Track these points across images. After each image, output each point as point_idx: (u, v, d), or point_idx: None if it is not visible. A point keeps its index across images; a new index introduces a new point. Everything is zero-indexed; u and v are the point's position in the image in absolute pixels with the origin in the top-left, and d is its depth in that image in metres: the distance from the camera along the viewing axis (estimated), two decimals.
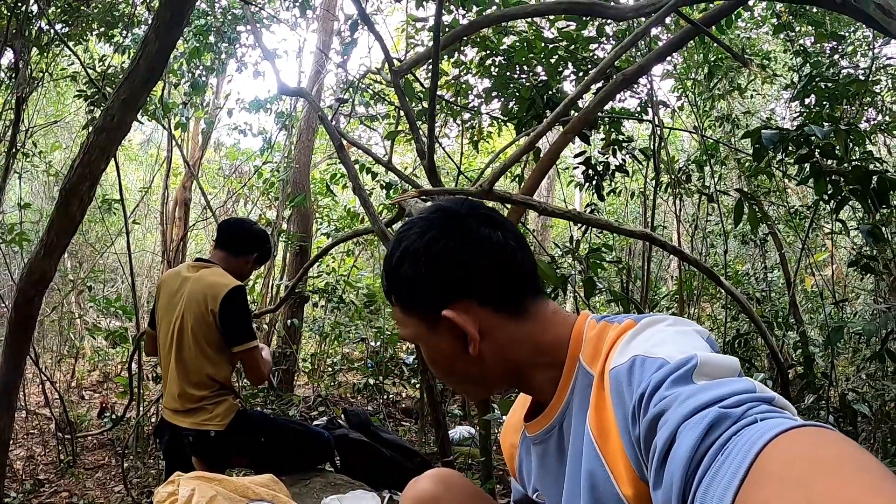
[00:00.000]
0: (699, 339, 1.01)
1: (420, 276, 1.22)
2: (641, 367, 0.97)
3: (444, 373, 1.32)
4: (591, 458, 1.08)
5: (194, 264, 3.45)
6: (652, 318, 1.11)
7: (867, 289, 7.48)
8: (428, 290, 1.22)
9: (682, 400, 0.83)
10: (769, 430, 0.68)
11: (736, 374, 0.89)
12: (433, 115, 3.41)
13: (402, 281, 1.25)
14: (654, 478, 0.82)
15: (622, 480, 1.01)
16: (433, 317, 1.21)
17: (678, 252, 4.14)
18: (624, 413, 0.98)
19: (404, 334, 1.31)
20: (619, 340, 1.09)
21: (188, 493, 2.39)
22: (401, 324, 1.30)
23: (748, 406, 0.77)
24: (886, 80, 6.02)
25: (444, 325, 1.21)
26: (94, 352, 9.42)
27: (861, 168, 3.36)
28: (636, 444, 0.93)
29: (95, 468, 5.81)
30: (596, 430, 1.07)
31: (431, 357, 1.29)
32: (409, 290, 1.25)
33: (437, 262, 1.21)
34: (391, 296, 1.29)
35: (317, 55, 8.63)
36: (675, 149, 9.47)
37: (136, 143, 14.84)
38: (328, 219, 8.91)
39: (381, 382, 7.16)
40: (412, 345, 8.21)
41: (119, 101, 3.58)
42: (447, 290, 1.21)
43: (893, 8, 2.07)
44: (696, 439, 0.74)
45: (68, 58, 7.32)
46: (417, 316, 1.25)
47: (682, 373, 0.88)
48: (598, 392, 1.09)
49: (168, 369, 3.35)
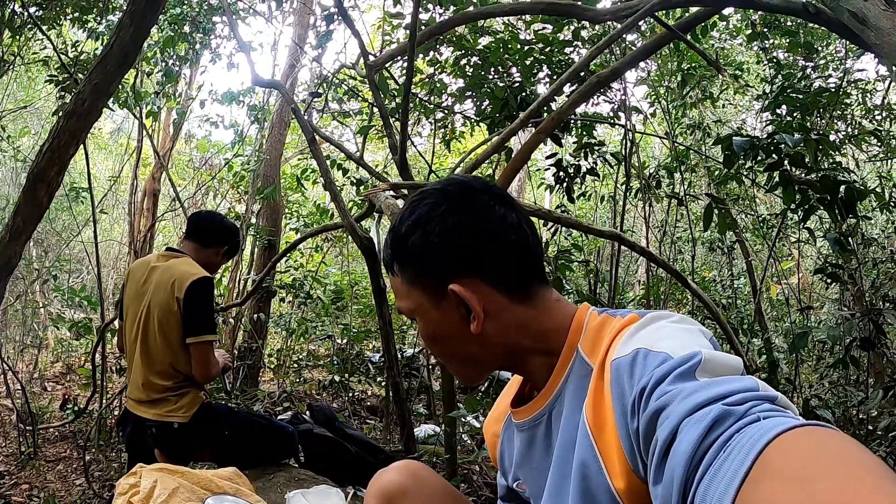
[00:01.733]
0: (703, 338, 1.00)
1: (432, 247, 1.20)
2: (644, 361, 0.96)
3: (441, 349, 1.29)
4: (585, 448, 1.07)
5: (164, 254, 3.41)
6: (657, 314, 1.10)
7: (832, 297, 7.59)
8: (438, 262, 1.20)
9: (684, 396, 0.82)
10: (772, 429, 0.68)
11: (739, 372, 0.88)
12: (407, 111, 3.42)
13: (410, 249, 1.22)
14: (655, 473, 0.82)
15: (615, 473, 1.01)
16: (440, 290, 1.20)
17: (647, 254, 4.17)
18: (623, 405, 0.97)
19: (403, 306, 1.27)
20: (623, 333, 1.09)
21: (150, 484, 2.36)
22: (401, 295, 1.27)
23: (751, 404, 0.77)
24: (857, 94, 6.11)
25: (450, 300, 1.19)
26: (58, 343, 9.30)
27: (829, 178, 3.40)
28: (633, 437, 0.93)
29: (57, 460, 5.72)
30: (592, 421, 1.06)
31: (430, 332, 1.26)
32: (417, 260, 1.22)
33: (450, 234, 1.19)
34: (394, 265, 1.26)
35: (292, 49, 8.58)
36: (646, 155, 9.53)
37: (106, 131, 14.67)
38: (297, 214, 8.87)
39: (347, 380, 7.12)
40: (378, 342, 8.23)
41: (91, 86, 3.53)
42: (457, 264, 1.19)
43: (868, 16, 2.09)
44: (698, 436, 0.74)
45: (41, 42, 7.21)
46: (422, 288, 1.23)
47: (685, 368, 0.88)
48: (596, 382, 1.08)
49: (133, 358, 3.31)
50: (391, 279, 1.29)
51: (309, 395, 7.67)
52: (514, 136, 3.42)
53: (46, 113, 10.22)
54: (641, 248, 4.07)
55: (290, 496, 2.84)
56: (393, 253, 1.25)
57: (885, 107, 6.24)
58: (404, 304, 1.27)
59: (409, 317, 1.28)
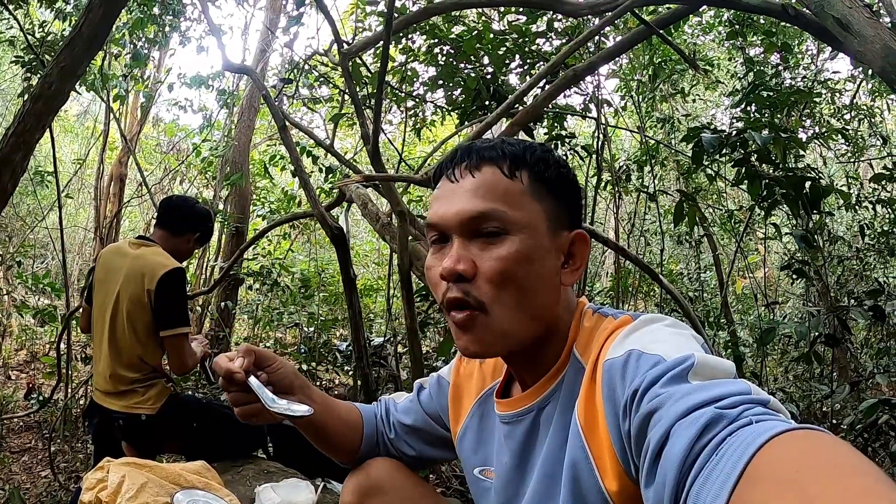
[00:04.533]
0: (695, 342, 1.00)
1: (577, 188, 1.19)
2: (637, 362, 0.95)
3: (517, 279, 1.11)
4: (576, 449, 1.06)
5: (135, 242, 3.35)
6: (651, 317, 1.09)
7: (797, 293, 7.69)
8: (576, 202, 1.19)
9: (676, 399, 0.82)
10: (764, 432, 0.68)
11: (732, 376, 0.88)
12: (380, 100, 3.38)
13: (560, 173, 1.17)
14: (647, 476, 0.82)
15: (606, 474, 1.00)
16: (563, 223, 1.16)
17: (617, 248, 4.19)
18: (614, 406, 0.97)
19: (501, 213, 1.11)
20: (616, 334, 1.08)
21: (118, 479, 2.32)
22: (511, 201, 1.12)
23: (744, 408, 0.76)
24: (826, 93, 6.19)
25: (563, 240, 1.16)
26: (22, 330, 9.16)
27: (795, 174, 3.44)
28: (626, 439, 0.93)
29: (21, 452, 5.65)
30: (584, 422, 1.06)
31: (525, 254, 1.10)
32: (561, 186, 1.17)
33: (579, 190, 1.20)
34: (522, 169, 1.14)
35: (263, 33, 8.51)
36: (616, 147, 9.59)
37: (73, 114, 14.45)
38: (264, 201, 8.81)
39: (315, 368, 7.09)
40: (345, 331, 8.20)
41: (58, 69, 3.47)
42: (579, 219, 1.19)
43: (852, 23, 2.11)
44: (690, 439, 0.74)
45: (6, 21, 7.06)
46: (550, 210, 1.14)
47: (677, 371, 0.87)
48: (588, 383, 1.07)
49: (100, 348, 3.25)
50: (507, 180, 1.14)
51: None
52: (490, 129, 3.41)
53: (11, 94, 10.05)
54: (614, 244, 4.09)
55: (260, 489, 2.82)
56: (532, 159, 1.16)
57: (854, 106, 6.32)
58: (511, 212, 1.11)
59: (493, 226, 1.11)
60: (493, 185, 1.13)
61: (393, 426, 1.59)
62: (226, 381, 1.35)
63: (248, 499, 2.84)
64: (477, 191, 1.13)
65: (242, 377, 1.33)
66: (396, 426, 1.59)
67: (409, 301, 3.44)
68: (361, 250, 11.75)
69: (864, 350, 6.06)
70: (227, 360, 1.35)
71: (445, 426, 1.51)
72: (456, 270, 1.11)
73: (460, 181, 1.15)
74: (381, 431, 1.61)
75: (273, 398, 1.34)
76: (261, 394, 1.33)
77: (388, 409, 1.63)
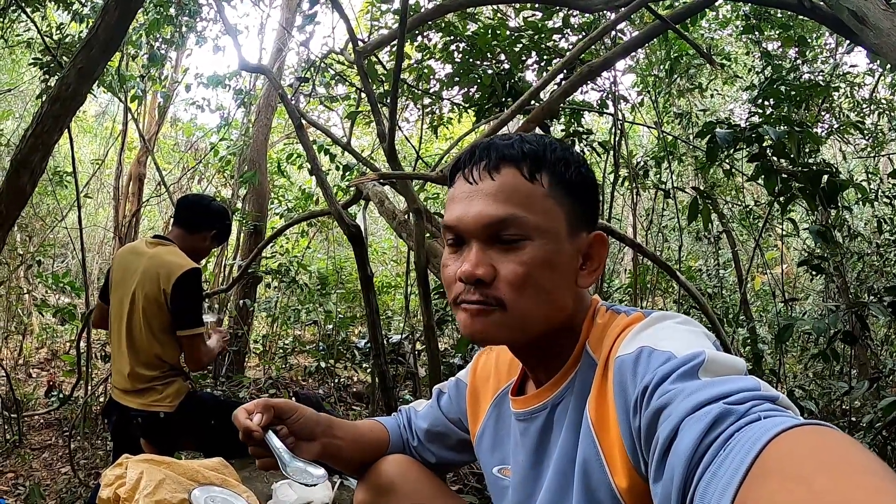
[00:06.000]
0: (707, 340, 1.00)
1: (595, 187, 1.19)
2: (648, 359, 0.96)
3: (535, 282, 1.10)
4: (588, 445, 1.07)
5: (152, 241, 3.35)
6: (662, 314, 1.10)
7: (816, 289, 7.63)
8: (594, 203, 1.20)
9: (686, 395, 0.83)
10: (772, 428, 0.68)
11: (742, 373, 0.88)
12: (396, 98, 3.38)
13: (580, 173, 1.16)
14: (655, 471, 0.82)
15: (617, 471, 1.01)
16: (582, 226, 1.16)
17: (635, 245, 4.17)
18: (625, 403, 0.97)
19: (522, 218, 1.10)
20: (628, 331, 1.08)
21: (136, 476, 2.34)
22: (532, 206, 1.11)
23: (752, 404, 0.77)
24: (845, 87, 6.13)
25: (581, 242, 1.15)
26: (43, 329, 9.23)
27: (811, 169, 3.41)
28: (635, 435, 0.93)
29: (42, 448, 5.68)
30: (595, 418, 1.06)
31: (544, 257, 1.10)
32: (581, 188, 1.16)
33: (597, 188, 1.20)
34: (544, 173, 1.13)
35: (279, 32, 8.52)
36: (634, 143, 9.55)
37: (91, 114, 14.53)
38: (282, 199, 8.83)
39: (333, 366, 7.11)
40: (363, 328, 8.22)
41: (75, 71, 3.49)
42: (597, 218, 1.20)
43: (868, 15, 2.08)
44: (698, 434, 0.74)
45: (24, 24, 7.12)
46: (570, 213, 1.13)
47: (688, 368, 0.88)
48: (600, 380, 1.08)
49: (118, 347, 3.27)
50: (529, 182, 1.12)
51: (295, 381, 7.66)
52: (506, 125, 3.40)
53: (30, 96, 10.13)
54: (631, 241, 4.07)
55: (277, 486, 2.84)
56: (552, 159, 1.14)
57: (874, 100, 6.26)
58: (532, 217, 1.10)
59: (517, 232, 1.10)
60: (513, 188, 1.11)
61: (415, 433, 1.62)
62: (244, 437, 1.35)
63: (265, 495, 2.85)
64: (497, 195, 1.11)
65: (260, 435, 1.34)
66: (419, 433, 1.61)
67: (427, 298, 3.45)
68: (379, 248, 11.78)
69: (884, 347, 6.02)
70: (245, 416, 1.35)
71: (465, 429, 1.53)
72: (476, 275, 1.11)
73: (479, 183, 1.14)
74: (406, 439, 1.63)
75: (290, 459, 1.34)
76: (278, 455, 1.33)
77: (410, 418, 1.66)
